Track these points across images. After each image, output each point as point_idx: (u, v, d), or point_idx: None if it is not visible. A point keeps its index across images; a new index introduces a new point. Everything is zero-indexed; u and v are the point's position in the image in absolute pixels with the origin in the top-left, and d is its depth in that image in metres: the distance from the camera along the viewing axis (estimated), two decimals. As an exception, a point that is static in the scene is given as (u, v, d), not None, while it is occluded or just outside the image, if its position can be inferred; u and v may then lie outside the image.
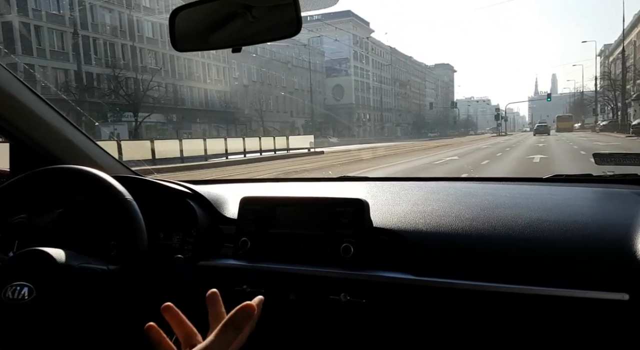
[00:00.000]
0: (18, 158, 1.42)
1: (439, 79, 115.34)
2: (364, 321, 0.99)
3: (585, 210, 1.05)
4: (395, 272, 0.98)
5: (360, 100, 67.54)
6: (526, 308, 0.86)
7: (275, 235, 1.12)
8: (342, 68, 64.58)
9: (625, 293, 0.80)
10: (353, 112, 63.76)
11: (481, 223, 1.00)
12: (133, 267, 0.99)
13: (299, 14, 0.95)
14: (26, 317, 0.89)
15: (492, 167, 12.53)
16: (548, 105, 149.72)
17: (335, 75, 64.33)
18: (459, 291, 0.91)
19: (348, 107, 63.11)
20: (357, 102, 65.70)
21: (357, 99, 66.44)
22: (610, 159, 1.36)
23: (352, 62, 65.16)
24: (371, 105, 71.46)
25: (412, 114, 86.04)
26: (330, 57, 61.22)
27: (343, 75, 64.43)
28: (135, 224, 1.03)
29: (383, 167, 13.49)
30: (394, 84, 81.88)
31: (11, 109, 1.27)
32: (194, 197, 1.29)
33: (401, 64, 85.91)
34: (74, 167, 1.15)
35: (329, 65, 63.09)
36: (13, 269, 0.94)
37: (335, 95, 62.84)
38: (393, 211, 1.12)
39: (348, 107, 63.11)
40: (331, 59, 61.48)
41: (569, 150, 17.43)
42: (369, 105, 70.51)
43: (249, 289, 1.06)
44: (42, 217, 1.20)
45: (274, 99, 49.26)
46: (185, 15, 1.06)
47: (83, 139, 1.44)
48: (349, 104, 63.49)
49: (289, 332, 1.09)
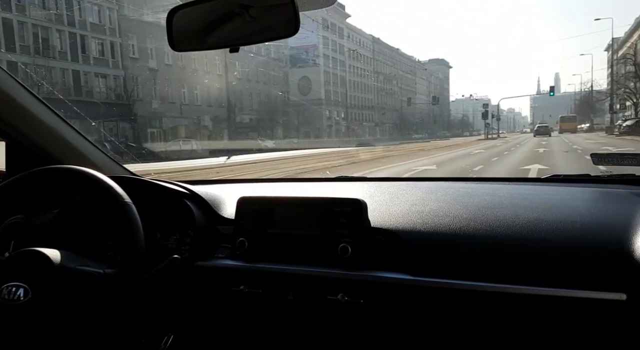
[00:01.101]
0: (14, 158, 1.41)
1: (432, 75, 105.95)
2: (361, 321, 1.01)
3: (583, 210, 1.05)
4: (393, 273, 0.99)
5: (332, 96, 57.78)
6: (524, 308, 0.87)
7: (273, 236, 1.12)
8: (309, 57, 54.69)
9: (622, 293, 0.80)
10: (322, 109, 54.22)
11: (479, 223, 1.01)
12: (130, 272, 0.99)
13: (297, 14, 0.95)
14: (21, 317, 0.89)
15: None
16: (551, 105, 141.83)
17: (301, 65, 54.25)
18: (457, 291, 0.92)
19: (316, 103, 53.57)
20: (327, 98, 56.03)
21: (328, 94, 56.75)
22: (608, 159, 1.38)
23: (321, 51, 55.21)
24: (347, 101, 61.83)
25: (398, 112, 76.57)
26: (294, 44, 51.69)
27: (310, 66, 54.33)
28: (133, 228, 1.02)
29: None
30: (376, 79, 72.31)
31: (7, 109, 1.26)
32: (191, 197, 1.28)
33: (386, 56, 76.22)
34: (71, 167, 1.13)
35: (293, 54, 53.27)
36: (9, 270, 0.94)
37: (301, 89, 53.19)
38: (391, 211, 1.12)
39: (316, 103, 53.57)
40: (296, 46, 51.99)
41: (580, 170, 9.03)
42: (343, 102, 60.84)
43: (247, 289, 1.08)
44: (38, 218, 1.23)
45: (196, 89, 37.74)
46: (183, 15, 1.05)
47: (80, 139, 1.43)
48: (317, 100, 53.87)
49: (287, 333, 1.11)
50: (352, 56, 62.99)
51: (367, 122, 68.26)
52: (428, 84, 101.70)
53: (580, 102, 70.32)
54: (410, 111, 76.79)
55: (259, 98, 44.70)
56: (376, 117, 71.20)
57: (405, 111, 76.55)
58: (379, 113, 72.07)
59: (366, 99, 69.09)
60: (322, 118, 54.25)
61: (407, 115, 78.59)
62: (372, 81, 70.82)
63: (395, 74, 79.45)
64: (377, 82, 72.07)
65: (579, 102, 72.01)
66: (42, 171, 1.12)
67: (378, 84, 72.67)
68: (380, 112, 72.52)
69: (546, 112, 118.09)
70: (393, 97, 77.52)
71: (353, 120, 64.06)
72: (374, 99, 71.85)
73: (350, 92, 63.19)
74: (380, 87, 73.73)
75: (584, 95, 68.08)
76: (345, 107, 61.89)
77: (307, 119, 52.67)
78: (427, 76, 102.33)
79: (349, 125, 63.43)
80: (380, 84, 73.67)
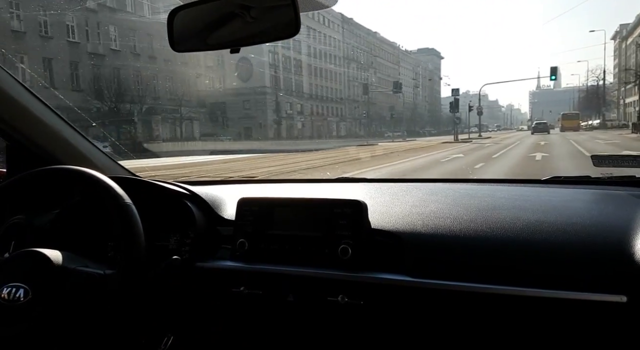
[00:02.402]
0: (15, 158, 1.41)
1: (420, 66, 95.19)
2: (361, 323, 1.02)
3: (583, 212, 1.05)
4: (394, 274, 0.99)
5: (283, 84, 46.98)
6: (524, 310, 0.88)
7: (273, 237, 1.12)
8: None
9: (623, 295, 0.81)
10: (266, 99, 43.45)
11: (479, 225, 1.01)
12: (129, 273, 1.00)
13: (297, 15, 0.96)
14: (22, 318, 0.90)
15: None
16: (551, 101, 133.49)
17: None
18: (457, 293, 0.92)
19: (259, 92, 42.89)
20: (274, 86, 45.22)
21: (276, 81, 45.90)
22: (608, 161, 1.37)
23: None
24: (304, 91, 51.00)
25: (377, 106, 65.82)
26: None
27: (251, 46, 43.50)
28: (133, 229, 1.02)
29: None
30: (347, 66, 61.51)
31: (8, 109, 1.26)
32: (191, 198, 1.28)
33: (361, 40, 65.24)
34: (71, 168, 1.13)
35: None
36: (9, 270, 0.95)
37: (240, 74, 42.40)
38: (391, 212, 1.12)
39: (259, 92, 42.89)
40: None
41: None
42: (300, 92, 50.03)
43: (247, 290, 1.09)
44: (39, 218, 1.23)
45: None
46: (184, 15, 1.06)
47: (80, 139, 1.43)
48: (261, 88, 43.16)
49: (287, 334, 1.11)
50: (314, 37, 52.03)
51: (333, 117, 57.45)
52: (415, 76, 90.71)
53: (587, 94, 59.85)
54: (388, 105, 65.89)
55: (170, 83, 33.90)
56: (347, 111, 60.43)
57: (381, 104, 65.76)
58: (351, 106, 61.33)
59: (333, 89, 58.17)
60: (265, 111, 43.46)
61: (384, 110, 68.01)
62: (341, 68, 59.96)
63: (372, 61, 68.62)
64: (348, 69, 61.20)
65: (585, 94, 61.52)
66: (43, 172, 1.12)
67: (350, 72, 61.78)
68: (354, 106, 61.80)
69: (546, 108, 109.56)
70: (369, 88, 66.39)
71: (315, 114, 53.29)
72: (344, 90, 60.97)
73: (310, 80, 52.42)
74: (354, 76, 62.88)
75: (591, 87, 57.88)
76: (308, 98, 51.19)
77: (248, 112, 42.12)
78: (414, 66, 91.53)
79: (320, 119, 52.86)
80: (353, 72, 62.81)
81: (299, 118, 49.89)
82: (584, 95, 62.74)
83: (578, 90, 70.87)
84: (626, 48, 63.88)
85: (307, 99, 51.41)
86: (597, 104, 52.29)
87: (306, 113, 51.28)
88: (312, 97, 52.36)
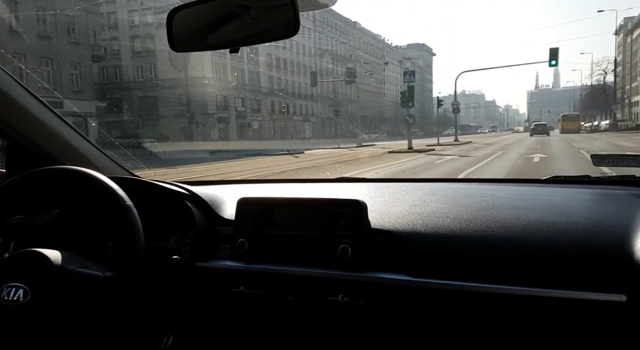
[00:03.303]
0: (15, 158, 1.41)
1: (410, 61, 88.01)
2: (361, 323, 1.02)
3: (583, 211, 1.06)
4: (393, 274, 1.00)
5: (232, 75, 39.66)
6: (524, 309, 0.88)
7: (273, 237, 1.12)
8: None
9: (622, 294, 0.81)
10: (207, 94, 36.01)
11: (479, 224, 1.01)
12: (129, 275, 1.00)
13: (297, 15, 0.96)
14: (21, 318, 0.90)
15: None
16: (550, 101, 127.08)
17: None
18: (457, 293, 0.92)
19: (197, 84, 35.46)
20: (218, 77, 37.89)
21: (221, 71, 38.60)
22: (607, 161, 1.38)
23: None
24: (261, 85, 43.54)
25: (356, 105, 58.49)
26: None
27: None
28: (133, 230, 1.02)
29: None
30: (319, 58, 54.13)
31: (7, 109, 1.26)
32: (191, 198, 1.28)
33: (336, 30, 58.07)
34: (71, 168, 1.14)
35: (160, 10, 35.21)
36: (9, 270, 0.95)
37: (174, 63, 34.96)
38: (391, 212, 1.12)
39: (197, 84, 35.46)
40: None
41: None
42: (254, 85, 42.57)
43: (247, 290, 1.09)
44: (39, 218, 1.23)
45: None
46: (183, 15, 1.06)
47: (80, 139, 1.43)
48: (200, 79, 35.72)
49: (286, 334, 1.11)
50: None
51: (297, 116, 50.01)
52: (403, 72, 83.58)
53: (591, 91, 52.55)
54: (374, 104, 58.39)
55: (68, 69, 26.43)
56: (318, 109, 52.96)
57: (363, 103, 58.32)
58: (324, 104, 53.90)
59: (300, 84, 50.72)
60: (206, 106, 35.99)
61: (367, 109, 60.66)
62: (312, 60, 52.61)
63: (351, 54, 61.23)
64: (320, 61, 53.79)
65: (589, 91, 54.23)
66: (43, 172, 1.12)
67: (322, 65, 54.36)
68: (327, 104, 54.40)
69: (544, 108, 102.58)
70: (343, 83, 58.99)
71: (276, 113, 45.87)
72: (315, 86, 53.66)
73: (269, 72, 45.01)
74: (327, 70, 55.44)
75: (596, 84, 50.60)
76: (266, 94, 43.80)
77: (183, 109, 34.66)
78: (402, 62, 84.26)
79: (284, 117, 45.50)
80: (326, 65, 55.39)
81: (254, 116, 42.42)
82: (587, 93, 55.46)
83: (581, 88, 63.59)
84: (632, 42, 57.28)
85: (265, 95, 44.01)
86: (604, 101, 44.97)
87: (264, 111, 43.84)
88: (271, 93, 44.89)
